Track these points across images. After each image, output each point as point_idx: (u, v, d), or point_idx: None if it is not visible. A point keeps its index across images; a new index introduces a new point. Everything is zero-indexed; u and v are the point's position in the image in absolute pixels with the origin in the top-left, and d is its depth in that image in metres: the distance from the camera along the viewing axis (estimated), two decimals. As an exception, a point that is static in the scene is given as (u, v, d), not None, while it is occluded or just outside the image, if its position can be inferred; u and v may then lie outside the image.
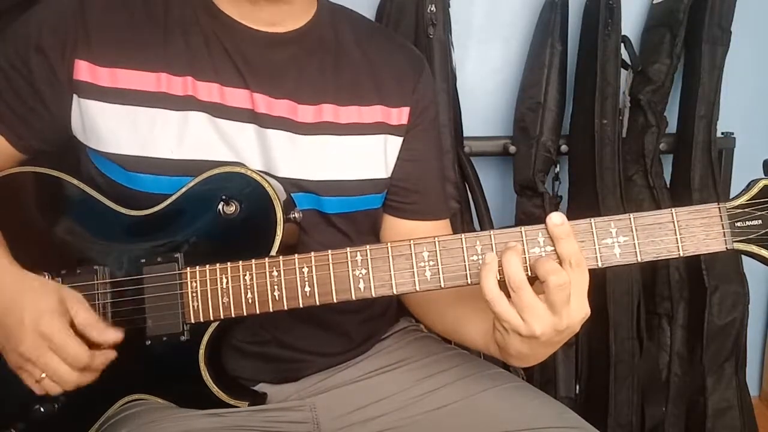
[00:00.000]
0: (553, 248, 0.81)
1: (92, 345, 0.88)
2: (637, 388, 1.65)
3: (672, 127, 1.74)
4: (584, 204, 1.65)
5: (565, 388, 1.66)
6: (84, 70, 0.94)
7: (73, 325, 0.87)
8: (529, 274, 0.81)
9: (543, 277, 0.78)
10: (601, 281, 1.61)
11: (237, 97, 0.97)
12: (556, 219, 0.80)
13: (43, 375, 0.87)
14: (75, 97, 0.95)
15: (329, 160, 1.01)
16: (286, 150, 0.99)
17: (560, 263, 0.80)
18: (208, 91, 0.96)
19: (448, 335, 1.09)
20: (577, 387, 1.69)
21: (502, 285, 0.80)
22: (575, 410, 0.99)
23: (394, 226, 1.11)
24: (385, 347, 1.12)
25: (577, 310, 0.80)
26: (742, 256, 0.82)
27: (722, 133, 1.73)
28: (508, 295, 0.80)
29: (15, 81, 0.95)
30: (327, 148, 1.01)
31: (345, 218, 1.04)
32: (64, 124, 0.97)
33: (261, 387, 1.03)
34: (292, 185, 0.98)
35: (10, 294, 0.88)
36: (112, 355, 0.90)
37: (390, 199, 1.10)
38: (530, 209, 1.69)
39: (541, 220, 0.83)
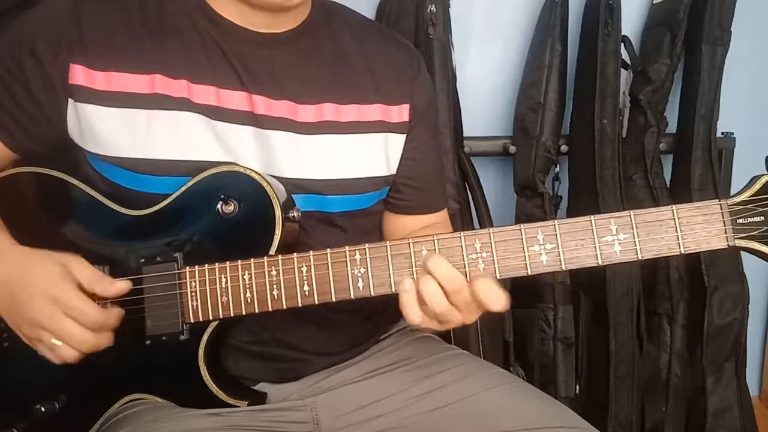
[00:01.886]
0: (553, 246, 0.81)
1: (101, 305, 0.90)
2: (637, 388, 1.65)
3: (672, 127, 1.74)
4: (584, 204, 1.65)
5: (565, 388, 1.66)
6: (79, 74, 0.94)
7: (80, 289, 0.88)
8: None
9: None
10: (601, 281, 1.61)
11: (234, 99, 0.97)
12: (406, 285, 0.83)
13: (59, 342, 0.87)
14: (71, 101, 0.95)
15: (331, 159, 1.01)
16: (287, 151, 0.99)
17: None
18: (204, 94, 0.96)
19: None
20: (577, 387, 1.68)
21: None
22: (575, 410, 0.99)
23: (394, 221, 1.12)
24: (385, 347, 1.12)
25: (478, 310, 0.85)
26: (743, 254, 0.81)
27: (722, 133, 1.73)
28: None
29: (10, 84, 0.95)
30: (328, 148, 1.01)
31: (347, 217, 1.04)
32: (59, 127, 0.96)
33: (261, 386, 1.03)
34: (295, 186, 0.98)
35: (17, 269, 0.89)
36: (122, 311, 0.91)
37: (390, 196, 1.10)
38: (530, 209, 1.69)
39: (541, 220, 0.83)
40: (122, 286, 0.91)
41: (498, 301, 0.80)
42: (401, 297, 0.83)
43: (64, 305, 0.86)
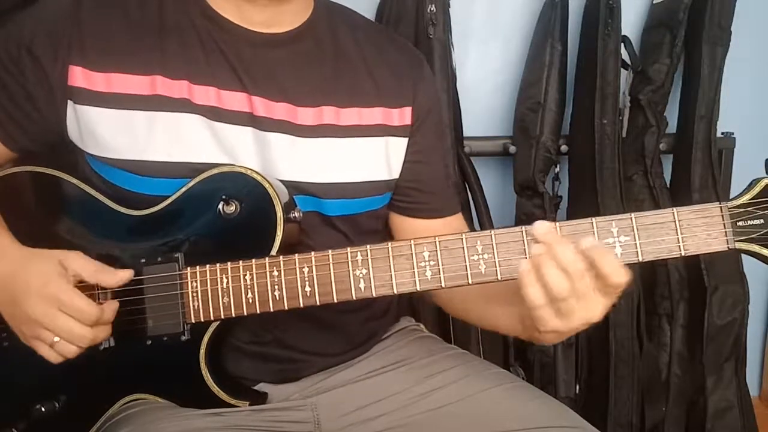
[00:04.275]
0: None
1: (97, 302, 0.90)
2: (637, 388, 1.65)
3: (672, 127, 1.74)
4: (584, 204, 1.65)
5: (565, 388, 1.66)
6: (78, 76, 0.93)
7: (77, 286, 0.88)
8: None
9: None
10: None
11: (234, 100, 0.97)
12: (542, 228, 0.79)
13: (56, 338, 0.87)
14: (70, 102, 0.94)
15: (330, 163, 1.01)
16: (286, 153, 0.98)
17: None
18: (205, 94, 0.96)
19: (472, 320, 1.10)
20: (577, 387, 1.69)
21: None
22: (575, 410, 0.99)
23: (408, 226, 1.11)
24: (386, 347, 1.12)
25: (605, 304, 0.79)
26: (743, 255, 0.81)
27: (722, 133, 1.73)
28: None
29: (8, 84, 0.95)
30: (328, 151, 1.01)
31: (346, 220, 1.04)
32: (58, 128, 0.96)
33: (261, 387, 1.03)
34: (293, 188, 0.98)
35: (14, 267, 0.89)
36: (117, 304, 0.91)
37: (401, 200, 1.10)
38: (530, 209, 1.70)
39: (541, 220, 0.83)
40: (124, 275, 0.91)
41: (619, 273, 0.76)
42: (521, 279, 0.78)
43: (60, 302, 0.86)
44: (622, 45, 1.64)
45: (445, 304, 1.12)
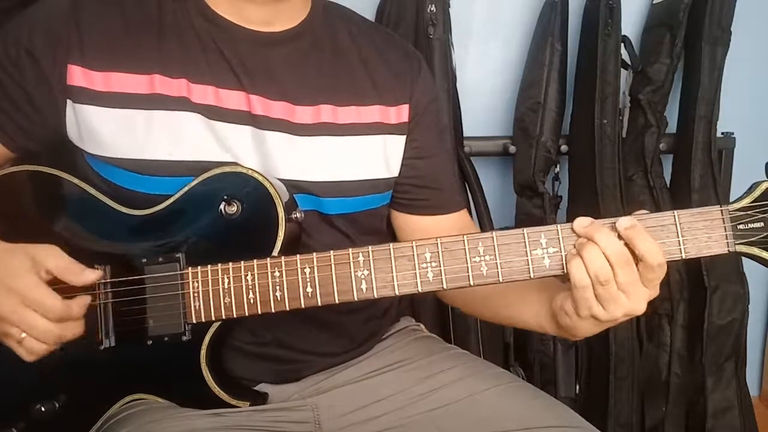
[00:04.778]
0: (555, 249, 0.81)
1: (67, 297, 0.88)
2: (637, 388, 1.65)
3: (672, 127, 1.74)
4: (584, 204, 1.65)
5: (565, 388, 1.66)
6: (77, 75, 0.93)
7: (50, 282, 0.87)
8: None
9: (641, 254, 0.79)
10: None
11: (233, 99, 0.97)
12: (626, 222, 0.80)
13: (23, 335, 0.86)
14: (69, 102, 0.94)
15: (328, 161, 1.01)
16: (284, 151, 0.98)
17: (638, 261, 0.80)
18: (203, 93, 0.96)
19: (497, 320, 1.10)
20: (577, 387, 1.69)
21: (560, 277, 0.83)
22: (575, 410, 0.99)
23: (411, 223, 1.11)
24: (386, 347, 1.12)
25: (648, 295, 0.83)
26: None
27: (722, 133, 1.73)
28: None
29: (6, 83, 0.95)
30: (326, 149, 1.01)
31: (346, 219, 1.04)
32: (57, 128, 0.96)
33: (262, 387, 1.03)
34: (292, 186, 0.98)
35: None
36: (87, 300, 0.89)
37: (402, 197, 1.10)
38: (530, 209, 1.69)
39: (541, 220, 0.83)
40: (91, 276, 0.89)
41: (655, 253, 0.79)
42: (568, 260, 0.81)
43: (25, 297, 0.85)
44: (622, 45, 1.64)
45: (465, 304, 1.13)
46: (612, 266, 0.79)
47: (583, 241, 0.81)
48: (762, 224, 0.80)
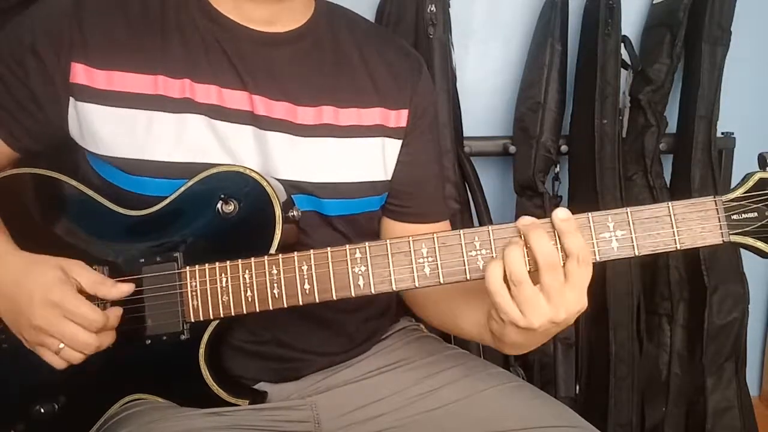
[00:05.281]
0: (552, 243, 0.81)
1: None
2: (637, 388, 1.65)
3: (672, 127, 1.74)
4: (584, 204, 1.65)
5: (565, 388, 1.66)
6: (80, 73, 0.93)
7: (80, 291, 0.88)
8: (529, 268, 0.80)
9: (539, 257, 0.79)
10: (601, 281, 1.61)
11: (236, 99, 0.97)
12: (562, 214, 0.81)
13: (62, 345, 0.87)
14: (71, 100, 0.94)
15: (329, 162, 1.01)
16: (285, 152, 0.98)
17: (566, 258, 0.79)
18: (206, 93, 0.96)
19: (444, 328, 1.09)
20: (577, 387, 1.69)
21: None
22: (575, 410, 0.99)
23: (392, 229, 1.11)
24: (386, 347, 1.12)
25: (574, 303, 0.80)
26: (743, 254, 0.82)
27: (722, 133, 1.73)
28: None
29: (10, 82, 0.95)
30: (326, 150, 1.01)
31: (345, 220, 1.04)
32: (60, 127, 0.96)
33: (261, 386, 1.03)
34: (292, 187, 0.98)
35: (17, 275, 0.89)
36: (120, 310, 0.91)
37: (390, 202, 1.09)
38: (530, 209, 1.69)
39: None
40: (124, 288, 0.91)
41: (582, 248, 0.78)
42: (488, 261, 0.81)
43: (65, 309, 0.86)
44: (622, 45, 1.64)
45: (417, 309, 1.13)
46: (539, 267, 0.79)
47: (512, 240, 0.81)
48: (756, 214, 0.80)
